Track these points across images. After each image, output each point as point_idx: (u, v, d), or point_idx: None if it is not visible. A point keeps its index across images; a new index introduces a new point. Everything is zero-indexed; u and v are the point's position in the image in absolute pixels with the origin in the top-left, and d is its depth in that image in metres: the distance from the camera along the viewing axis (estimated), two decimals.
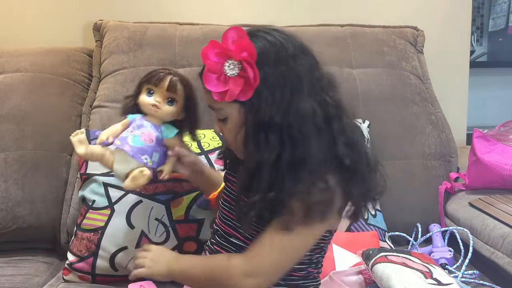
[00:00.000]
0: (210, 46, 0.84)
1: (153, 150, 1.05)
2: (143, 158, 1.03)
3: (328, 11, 1.79)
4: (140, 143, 1.03)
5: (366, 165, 0.88)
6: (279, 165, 0.81)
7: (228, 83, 0.82)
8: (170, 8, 1.75)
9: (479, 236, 1.27)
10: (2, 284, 1.20)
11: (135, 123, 1.06)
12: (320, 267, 0.96)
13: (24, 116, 1.45)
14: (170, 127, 1.08)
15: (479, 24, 3.27)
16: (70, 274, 1.23)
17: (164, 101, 1.05)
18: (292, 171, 0.81)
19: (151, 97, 1.05)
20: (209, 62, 0.84)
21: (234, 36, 0.84)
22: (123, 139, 1.04)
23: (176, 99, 1.06)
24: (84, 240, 1.22)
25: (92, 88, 1.59)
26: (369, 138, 1.45)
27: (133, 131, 1.05)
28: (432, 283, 0.93)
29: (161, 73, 1.06)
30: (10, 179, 1.37)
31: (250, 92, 0.82)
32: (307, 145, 0.81)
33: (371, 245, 1.17)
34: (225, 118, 0.87)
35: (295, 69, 0.83)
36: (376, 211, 1.35)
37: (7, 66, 1.55)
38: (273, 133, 0.81)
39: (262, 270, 0.84)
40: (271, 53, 0.83)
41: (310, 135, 0.81)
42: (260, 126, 0.82)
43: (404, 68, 1.64)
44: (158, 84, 1.05)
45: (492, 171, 1.37)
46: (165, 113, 1.06)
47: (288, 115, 0.81)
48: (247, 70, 0.81)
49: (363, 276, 1.06)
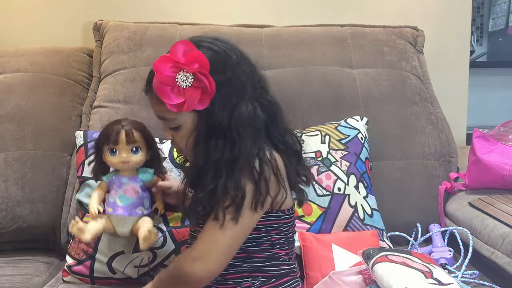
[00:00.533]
0: (162, 60, 0.88)
1: (142, 199, 1.11)
2: (137, 211, 1.11)
3: (328, 11, 1.79)
4: (128, 200, 1.10)
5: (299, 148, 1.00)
6: (219, 164, 0.89)
7: (183, 94, 0.87)
8: (170, 8, 1.75)
9: (479, 236, 1.27)
10: (2, 284, 1.20)
11: (114, 184, 1.11)
12: (287, 248, 1.00)
13: (24, 116, 1.45)
14: (144, 171, 1.13)
15: (479, 24, 3.27)
16: (69, 276, 1.23)
17: (129, 153, 1.09)
18: (229, 169, 0.89)
19: (116, 155, 1.09)
20: (162, 75, 0.87)
21: (183, 48, 0.89)
22: (112, 205, 1.10)
23: (139, 145, 1.10)
24: (81, 244, 1.22)
25: (92, 88, 1.59)
26: (367, 136, 1.45)
27: (117, 192, 1.10)
28: (433, 283, 0.94)
29: (114, 129, 1.08)
30: (10, 179, 1.38)
31: (208, 100, 0.88)
32: (242, 144, 0.89)
33: (371, 245, 1.17)
34: (178, 126, 0.93)
35: (239, 75, 0.91)
36: (373, 211, 1.34)
37: (7, 66, 1.56)
38: (220, 137, 0.89)
39: (206, 253, 0.90)
40: (218, 62, 0.89)
41: (247, 136, 0.89)
42: (211, 130, 0.90)
43: (404, 68, 1.64)
44: (117, 142, 1.07)
45: (492, 171, 1.37)
46: (136, 163, 1.11)
47: (233, 119, 0.89)
48: (203, 80, 0.86)
49: (363, 276, 1.06)
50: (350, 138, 1.39)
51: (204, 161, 0.90)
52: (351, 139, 1.39)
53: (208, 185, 0.89)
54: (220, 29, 1.62)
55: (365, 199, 1.34)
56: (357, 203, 1.31)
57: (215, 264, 0.91)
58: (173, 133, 0.95)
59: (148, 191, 1.14)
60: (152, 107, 0.95)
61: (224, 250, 0.91)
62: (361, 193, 1.34)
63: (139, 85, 1.50)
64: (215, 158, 0.89)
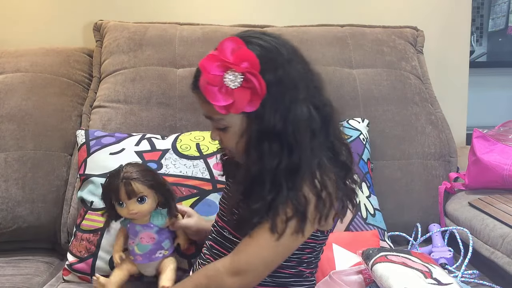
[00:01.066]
0: (209, 59, 0.82)
1: (160, 242, 1.11)
2: (158, 255, 1.10)
3: (328, 11, 1.79)
4: (146, 248, 1.10)
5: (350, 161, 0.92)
6: (278, 172, 0.82)
7: (232, 95, 0.81)
8: (170, 8, 1.75)
9: (478, 236, 1.27)
10: (2, 284, 1.20)
11: (130, 232, 1.11)
12: (313, 267, 0.96)
13: (24, 116, 1.45)
14: (157, 215, 1.11)
15: (479, 24, 3.27)
16: (69, 274, 1.23)
17: (135, 204, 1.07)
18: (289, 179, 0.82)
19: (123, 207, 1.07)
20: (209, 75, 0.81)
21: (231, 46, 0.81)
22: (132, 253, 1.11)
23: (143, 195, 1.07)
24: (83, 241, 1.22)
25: (92, 88, 1.59)
26: (368, 137, 1.45)
27: (134, 240, 1.10)
28: (432, 283, 0.94)
29: (114, 185, 1.06)
30: (10, 179, 1.38)
31: (258, 102, 0.81)
32: (302, 151, 0.83)
33: (371, 245, 1.17)
34: (226, 127, 0.86)
35: (291, 74, 0.83)
36: (375, 211, 1.35)
37: (7, 66, 1.56)
38: (275, 141, 0.82)
39: (247, 268, 0.86)
40: (269, 60, 0.82)
41: (305, 141, 0.83)
42: (263, 134, 0.83)
43: (404, 68, 1.64)
44: (120, 197, 1.06)
45: (491, 171, 1.37)
46: (145, 212, 1.09)
47: (287, 122, 0.82)
48: (252, 80, 0.80)
49: (363, 276, 1.06)
50: (352, 139, 1.40)
51: (259, 168, 0.83)
52: (353, 140, 1.40)
53: (266, 195, 0.83)
54: (220, 29, 1.62)
55: (368, 199, 1.34)
56: (360, 202, 1.32)
57: (256, 280, 0.87)
58: (221, 134, 0.88)
59: (167, 232, 1.13)
60: (199, 105, 0.88)
61: (269, 265, 0.87)
62: (364, 193, 1.34)
63: (139, 85, 1.51)
64: (272, 166, 0.82)
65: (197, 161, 1.28)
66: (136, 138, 1.34)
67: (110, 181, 1.08)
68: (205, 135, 1.35)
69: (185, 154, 1.29)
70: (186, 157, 1.28)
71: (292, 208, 0.82)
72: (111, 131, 1.43)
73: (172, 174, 1.25)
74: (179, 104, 1.50)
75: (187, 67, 1.55)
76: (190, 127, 1.46)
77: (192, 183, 1.23)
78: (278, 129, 0.82)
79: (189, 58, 1.56)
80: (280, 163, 0.82)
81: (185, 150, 1.30)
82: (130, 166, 1.09)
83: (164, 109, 1.49)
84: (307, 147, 0.83)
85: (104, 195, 1.10)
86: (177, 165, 1.26)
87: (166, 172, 1.25)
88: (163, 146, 1.31)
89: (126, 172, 1.07)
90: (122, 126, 1.46)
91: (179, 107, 1.49)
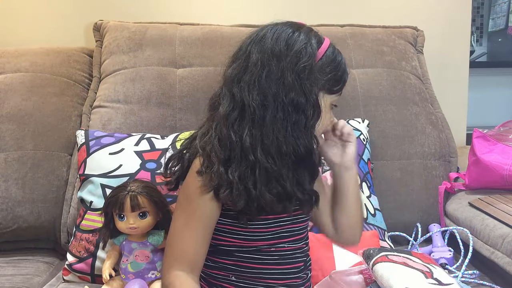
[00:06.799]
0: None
1: (154, 263, 1.11)
2: (150, 275, 1.10)
3: (328, 11, 1.79)
4: (139, 266, 1.10)
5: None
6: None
7: None
8: (170, 8, 1.75)
9: (479, 236, 1.27)
10: (2, 284, 1.20)
11: (125, 249, 1.11)
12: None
13: (24, 116, 1.45)
14: (155, 234, 1.12)
15: (479, 24, 3.28)
16: (69, 274, 1.23)
17: (137, 218, 1.08)
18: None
19: (123, 220, 1.08)
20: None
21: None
22: (124, 271, 1.11)
23: (146, 210, 1.09)
24: (83, 241, 1.22)
25: (92, 88, 1.59)
26: (368, 137, 1.45)
27: (128, 258, 1.11)
28: (433, 283, 0.93)
29: (120, 195, 1.08)
30: (10, 179, 1.38)
31: None
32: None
33: (372, 245, 1.17)
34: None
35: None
36: (376, 211, 1.35)
37: (7, 66, 1.56)
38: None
39: None
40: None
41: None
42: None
43: (404, 68, 1.64)
44: (123, 208, 1.07)
45: (492, 171, 1.37)
46: (144, 228, 1.10)
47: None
48: None
49: (364, 276, 1.06)
50: None
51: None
52: None
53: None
54: (220, 29, 1.62)
55: (369, 199, 1.34)
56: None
57: None
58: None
59: (162, 251, 1.11)
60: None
61: None
62: (364, 193, 1.34)
63: (139, 85, 1.51)
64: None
65: None
66: (135, 138, 1.34)
67: (115, 192, 1.10)
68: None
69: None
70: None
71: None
72: (111, 131, 1.43)
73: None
74: (179, 104, 1.50)
75: (187, 67, 1.55)
76: (190, 127, 1.46)
77: None
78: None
79: (189, 58, 1.56)
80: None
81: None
82: (138, 182, 1.12)
83: (164, 109, 1.49)
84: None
85: (106, 206, 1.11)
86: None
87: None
88: (163, 145, 1.31)
89: (132, 186, 1.09)
90: (122, 126, 1.46)
91: (179, 107, 1.49)
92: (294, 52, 0.85)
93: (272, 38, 0.87)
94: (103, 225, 1.13)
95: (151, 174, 1.24)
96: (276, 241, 0.91)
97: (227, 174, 0.83)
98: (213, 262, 0.92)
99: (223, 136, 0.85)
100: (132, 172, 1.25)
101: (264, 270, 0.91)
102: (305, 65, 0.85)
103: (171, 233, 0.90)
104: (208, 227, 0.88)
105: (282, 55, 0.85)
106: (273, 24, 0.90)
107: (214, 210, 0.87)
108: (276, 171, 0.84)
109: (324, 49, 0.89)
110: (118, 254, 1.15)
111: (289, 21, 0.92)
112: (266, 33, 0.88)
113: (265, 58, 0.85)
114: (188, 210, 0.88)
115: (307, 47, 0.86)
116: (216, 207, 0.87)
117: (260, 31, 0.90)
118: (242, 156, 0.84)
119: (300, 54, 0.86)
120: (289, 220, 0.91)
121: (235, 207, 0.84)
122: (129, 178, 1.23)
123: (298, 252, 0.94)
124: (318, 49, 0.88)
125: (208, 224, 0.88)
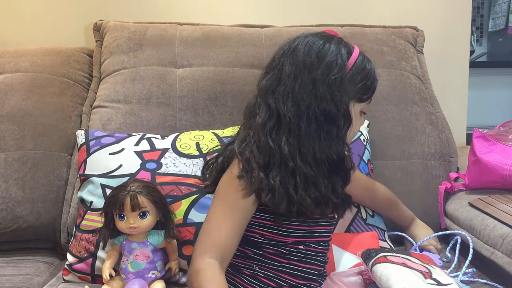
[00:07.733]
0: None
1: (154, 263, 1.11)
2: (150, 275, 1.10)
3: (328, 11, 1.79)
4: (140, 266, 1.11)
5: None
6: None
7: None
8: (170, 8, 1.75)
9: (478, 236, 1.27)
10: (2, 284, 1.20)
11: (125, 249, 1.11)
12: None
13: (24, 116, 1.45)
14: (155, 234, 1.13)
15: (479, 24, 3.28)
16: (70, 274, 1.23)
17: (137, 218, 1.08)
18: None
19: (124, 220, 1.09)
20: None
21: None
22: (124, 271, 1.11)
23: (146, 210, 1.09)
24: (83, 241, 1.22)
25: (92, 88, 1.59)
26: (368, 137, 1.45)
27: (128, 258, 1.11)
28: (432, 283, 0.94)
29: (119, 195, 1.08)
30: (10, 179, 1.38)
31: None
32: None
33: (371, 246, 1.17)
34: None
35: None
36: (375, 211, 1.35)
37: (7, 66, 1.56)
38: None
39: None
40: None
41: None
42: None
43: (404, 68, 1.64)
44: (123, 208, 1.07)
45: (492, 171, 1.37)
46: (144, 228, 1.10)
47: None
48: None
49: (363, 277, 1.06)
50: (353, 140, 1.39)
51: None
52: (354, 141, 1.39)
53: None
54: (220, 29, 1.62)
55: None
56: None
57: None
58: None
59: (161, 253, 1.14)
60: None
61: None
62: None
63: (139, 85, 1.51)
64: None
65: (197, 159, 1.28)
66: (135, 138, 1.34)
67: (115, 192, 1.10)
68: (205, 134, 1.35)
69: (185, 153, 1.29)
70: (185, 156, 1.28)
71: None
72: (111, 131, 1.43)
73: (171, 173, 1.25)
74: (179, 104, 1.50)
75: (187, 67, 1.55)
76: (190, 127, 1.46)
77: (191, 181, 1.23)
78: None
79: (189, 58, 1.56)
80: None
81: (184, 149, 1.30)
82: (138, 181, 1.12)
83: (164, 109, 1.49)
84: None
85: (106, 206, 1.11)
86: (176, 164, 1.27)
87: (165, 171, 1.25)
88: (163, 145, 1.31)
89: (133, 186, 1.10)
90: (122, 126, 1.46)
91: (179, 107, 1.49)
92: (325, 64, 0.90)
93: (303, 50, 0.91)
94: (103, 225, 1.13)
95: (151, 174, 1.24)
96: (305, 239, 0.96)
97: (267, 179, 0.88)
98: (239, 251, 0.96)
99: (261, 144, 0.90)
100: (132, 172, 1.25)
101: (287, 265, 0.95)
102: (335, 77, 0.89)
103: (209, 220, 0.93)
104: (245, 219, 0.93)
105: (313, 67, 0.89)
106: (304, 36, 0.94)
107: (252, 206, 0.93)
108: (314, 176, 0.89)
109: (354, 59, 0.94)
110: (118, 254, 1.15)
111: (320, 32, 0.96)
112: (298, 45, 0.92)
113: (297, 70, 0.90)
114: (228, 200, 0.92)
115: (338, 59, 0.91)
116: (255, 203, 0.92)
117: (292, 42, 0.94)
118: (282, 163, 0.89)
119: (330, 66, 0.90)
120: (320, 222, 0.97)
121: (277, 210, 0.89)
122: (129, 178, 1.23)
123: (320, 255, 0.99)
124: (348, 59, 0.93)
125: (246, 216, 0.93)
